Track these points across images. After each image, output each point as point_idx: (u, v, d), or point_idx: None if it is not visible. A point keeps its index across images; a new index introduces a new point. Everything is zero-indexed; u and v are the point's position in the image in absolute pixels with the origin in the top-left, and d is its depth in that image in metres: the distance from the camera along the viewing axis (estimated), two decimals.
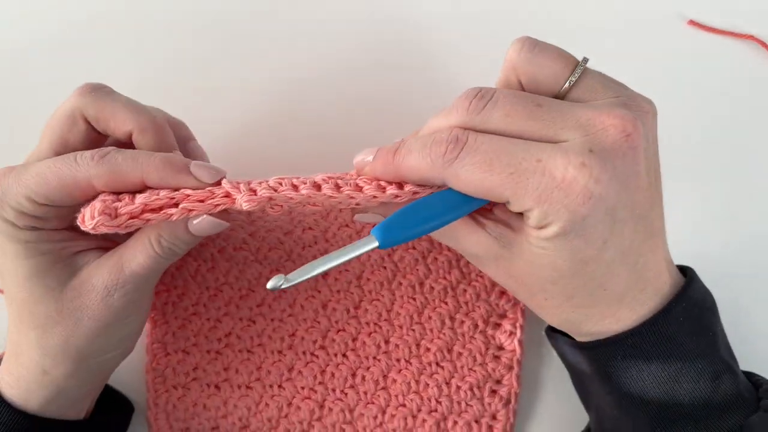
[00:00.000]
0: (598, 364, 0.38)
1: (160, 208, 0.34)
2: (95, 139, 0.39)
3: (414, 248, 0.46)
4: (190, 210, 0.34)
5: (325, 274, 0.46)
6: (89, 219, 0.33)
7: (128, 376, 0.48)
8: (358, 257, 0.32)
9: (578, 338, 0.39)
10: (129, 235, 0.38)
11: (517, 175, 0.32)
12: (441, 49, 0.52)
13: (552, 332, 0.42)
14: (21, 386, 0.39)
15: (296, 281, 0.31)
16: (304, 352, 0.47)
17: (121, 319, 0.39)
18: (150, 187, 0.35)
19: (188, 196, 0.34)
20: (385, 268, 0.46)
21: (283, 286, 0.31)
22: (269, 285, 0.31)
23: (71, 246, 0.38)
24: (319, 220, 0.42)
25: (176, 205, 0.34)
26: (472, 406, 0.46)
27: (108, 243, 0.40)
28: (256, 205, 0.34)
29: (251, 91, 0.52)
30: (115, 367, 0.42)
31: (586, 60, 0.34)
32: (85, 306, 0.37)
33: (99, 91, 0.39)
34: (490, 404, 0.46)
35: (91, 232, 0.34)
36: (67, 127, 0.38)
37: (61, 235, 0.38)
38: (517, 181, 0.32)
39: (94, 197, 0.35)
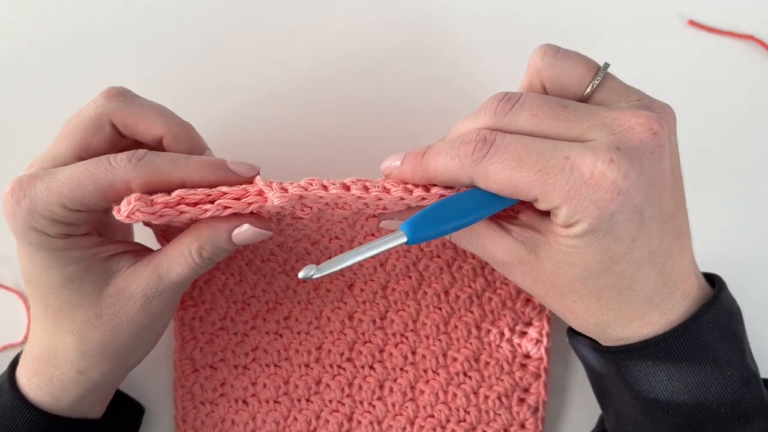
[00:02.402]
0: (624, 368, 0.38)
1: (196, 203, 0.35)
2: (118, 143, 0.39)
3: (439, 257, 0.46)
4: (225, 207, 0.35)
5: (350, 285, 0.47)
6: (125, 206, 0.34)
7: (135, 378, 0.48)
8: (387, 251, 0.33)
9: (605, 343, 0.39)
10: (165, 240, 0.38)
11: (545, 172, 0.32)
12: (441, 50, 0.53)
13: (574, 334, 0.42)
14: (54, 385, 0.39)
15: (327, 271, 0.32)
16: (331, 365, 0.47)
17: (157, 321, 0.40)
18: (185, 188, 0.35)
19: (224, 194, 0.35)
20: (410, 277, 0.47)
21: (314, 276, 0.32)
22: (301, 274, 0.32)
23: (102, 251, 0.38)
24: (346, 229, 0.42)
25: (212, 201, 0.35)
26: (500, 415, 0.46)
27: (136, 246, 0.40)
28: (286, 201, 0.34)
29: (252, 92, 0.52)
30: (140, 362, 0.43)
31: (607, 65, 0.35)
32: (124, 312, 0.38)
33: (125, 95, 0.39)
34: (518, 413, 0.46)
35: (126, 221, 0.34)
36: (91, 132, 0.38)
37: (90, 240, 0.38)
38: (545, 178, 0.32)
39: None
